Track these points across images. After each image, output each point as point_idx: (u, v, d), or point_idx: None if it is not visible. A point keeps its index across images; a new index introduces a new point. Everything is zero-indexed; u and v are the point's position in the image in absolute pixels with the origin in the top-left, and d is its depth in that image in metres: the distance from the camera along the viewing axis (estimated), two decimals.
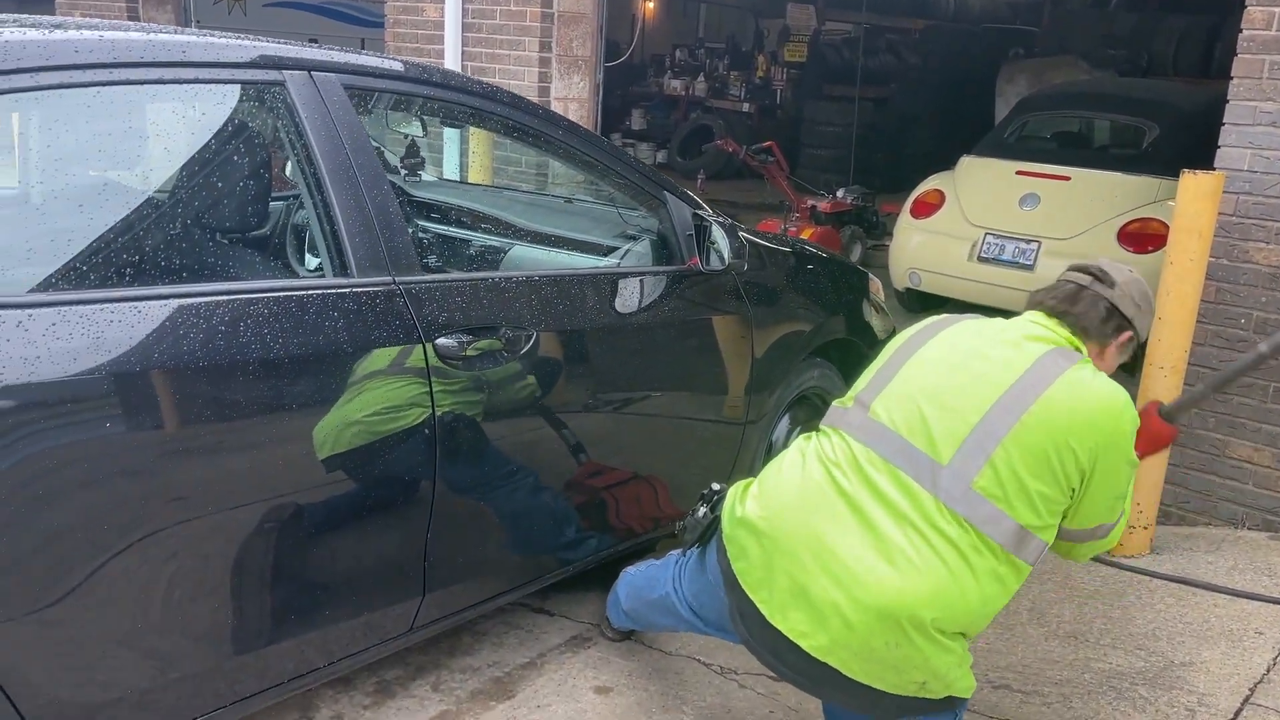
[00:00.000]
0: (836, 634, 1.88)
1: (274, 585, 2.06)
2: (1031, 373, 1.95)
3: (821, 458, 2.01)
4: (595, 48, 5.60)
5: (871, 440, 1.97)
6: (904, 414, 1.98)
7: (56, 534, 1.71)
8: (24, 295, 1.72)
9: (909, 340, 2.14)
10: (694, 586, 2.34)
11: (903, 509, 1.89)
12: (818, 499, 1.96)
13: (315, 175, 2.14)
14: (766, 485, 2.06)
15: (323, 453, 2.04)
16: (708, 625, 2.37)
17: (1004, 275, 5.96)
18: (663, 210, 2.90)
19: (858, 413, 2.05)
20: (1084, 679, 2.71)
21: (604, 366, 2.67)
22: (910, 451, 1.93)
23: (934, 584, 1.84)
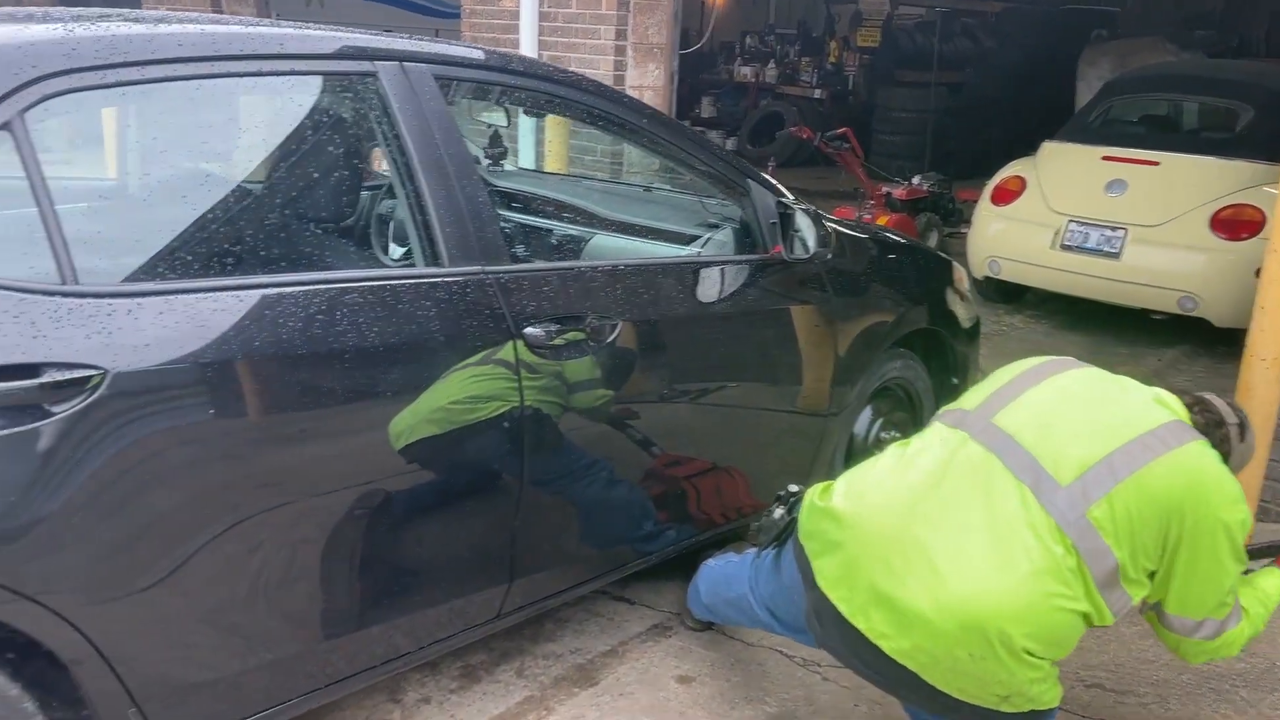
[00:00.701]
0: (919, 639, 1.85)
1: (366, 571, 2.09)
2: (1165, 429, 1.93)
3: (925, 458, 1.97)
4: (670, 35, 5.57)
5: (993, 445, 1.94)
6: (1030, 428, 1.94)
7: (159, 517, 1.75)
8: (128, 284, 1.76)
9: (1035, 368, 2.12)
10: (769, 588, 2.32)
11: (1011, 519, 1.85)
12: (913, 498, 1.92)
13: (407, 165, 2.16)
14: (856, 480, 2.03)
15: (412, 440, 2.06)
16: (783, 627, 2.35)
17: (1088, 264, 5.81)
18: (746, 198, 2.88)
19: (979, 418, 2.01)
20: (1181, 680, 2.63)
21: (687, 356, 2.65)
22: (1032, 464, 1.89)
23: (1028, 601, 1.79)
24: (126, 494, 1.70)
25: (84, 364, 1.64)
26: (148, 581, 1.77)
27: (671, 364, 2.62)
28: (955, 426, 2.05)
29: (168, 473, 1.75)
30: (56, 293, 1.66)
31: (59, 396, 1.62)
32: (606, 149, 5.53)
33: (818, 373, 3.00)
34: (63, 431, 1.62)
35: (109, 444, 1.67)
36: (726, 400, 2.79)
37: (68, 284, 1.67)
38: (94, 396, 1.65)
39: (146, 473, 1.72)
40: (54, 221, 1.68)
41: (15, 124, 1.67)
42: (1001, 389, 2.10)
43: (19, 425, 1.59)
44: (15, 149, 1.67)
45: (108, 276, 1.76)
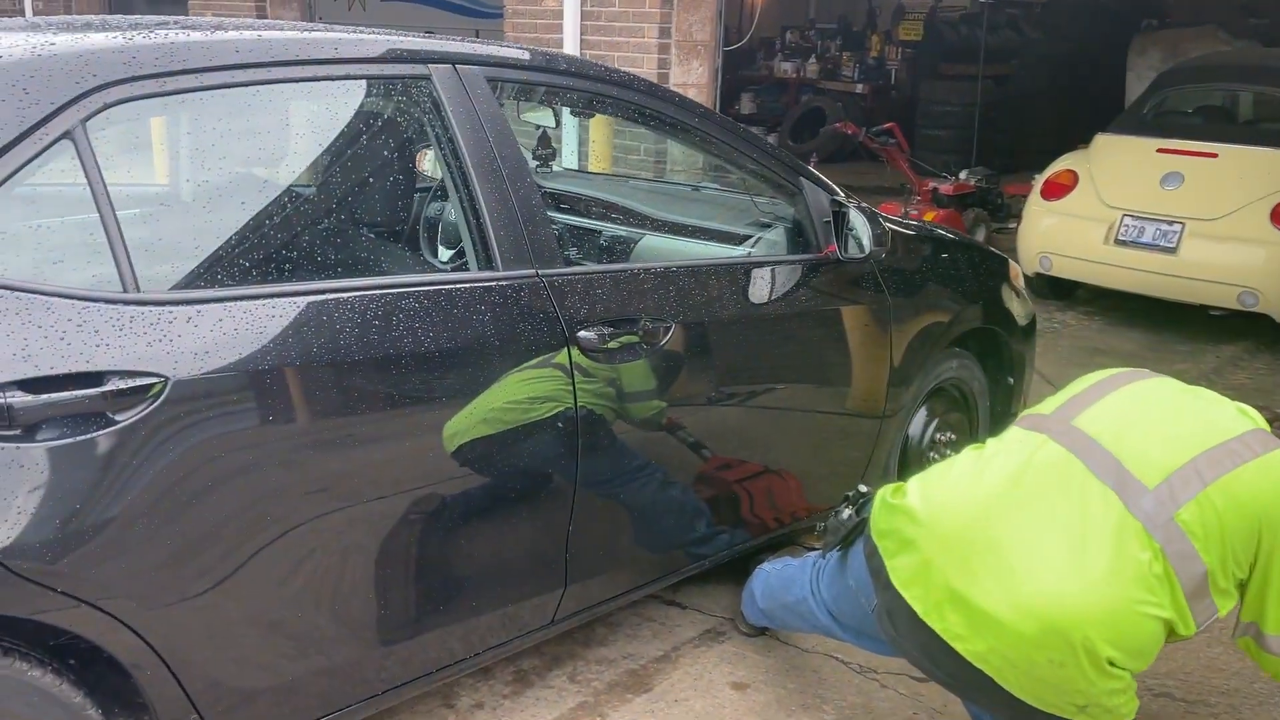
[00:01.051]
0: (996, 642, 1.80)
1: (422, 576, 2.08)
2: (1250, 436, 1.88)
3: (1004, 460, 1.93)
4: (714, 32, 5.54)
5: (1075, 446, 1.89)
6: (1113, 431, 1.90)
7: (218, 523, 1.75)
8: (188, 291, 1.76)
9: (1113, 376, 2.09)
10: (833, 590, 2.29)
11: (1095, 522, 1.80)
12: (991, 498, 1.88)
13: (460, 168, 2.14)
14: (932, 480, 1.99)
15: (467, 445, 2.05)
16: (845, 631, 2.31)
17: (1144, 259, 5.68)
18: (798, 196, 2.84)
19: (1059, 421, 1.97)
20: (1254, 689, 2.56)
21: (741, 358, 2.62)
22: (1117, 467, 1.84)
23: (1113, 606, 1.74)
24: (186, 500, 1.71)
25: (146, 371, 1.64)
26: (207, 587, 1.77)
27: (724, 366, 2.59)
28: (1033, 430, 2.01)
29: (226, 479, 1.75)
30: (119, 300, 1.66)
31: (121, 404, 1.63)
32: (651, 148, 5.50)
33: (872, 374, 2.96)
34: (125, 439, 1.63)
35: (170, 451, 1.67)
36: (780, 402, 2.76)
37: (129, 292, 1.68)
38: (155, 404, 1.65)
39: (206, 479, 1.72)
40: (115, 229, 1.68)
41: (77, 132, 1.68)
42: (1079, 395, 2.07)
43: (83, 433, 1.59)
44: (77, 157, 1.67)
45: (168, 284, 1.76)
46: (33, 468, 1.56)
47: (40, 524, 1.56)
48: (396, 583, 2.05)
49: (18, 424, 1.54)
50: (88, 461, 1.61)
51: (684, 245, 3.06)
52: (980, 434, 3.53)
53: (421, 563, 2.07)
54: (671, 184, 4.08)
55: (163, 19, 1.93)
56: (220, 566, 1.78)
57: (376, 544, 1.98)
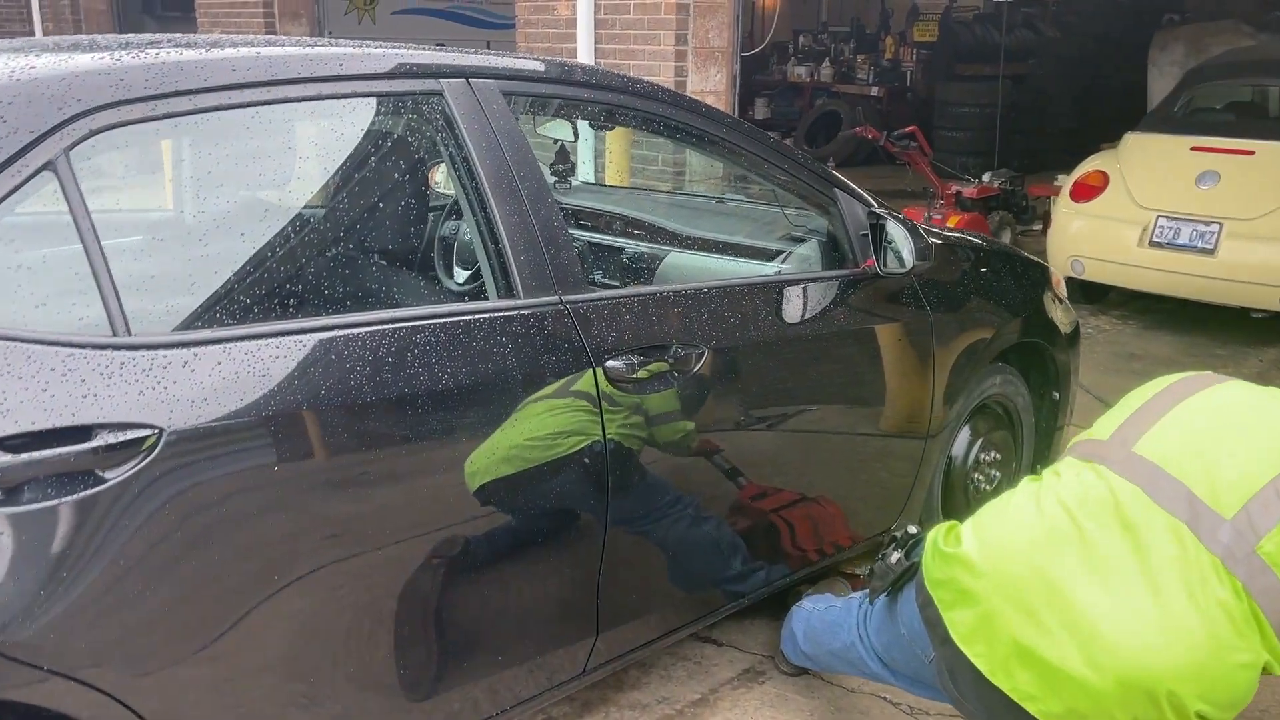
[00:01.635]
0: (1072, 701, 1.63)
1: (443, 631, 1.93)
2: None
3: (1062, 497, 1.75)
4: (732, 38, 5.39)
5: (1139, 478, 1.71)
6: (1179, 454, 1.72)
7: (220, 585, 1.60)
8: (183, 333, 1.61)
9: (1173, 386, 1.90)
10: (884, 637, 2.12)
11: (1169, 562, 1.63)
12: (1057, 542, 1.70)
13: (477, 190, 2.00)
14: (987, 523, 1.82)
15: (489, 486, 1.90)
16: (900, 679, 2.15)
17: (1180, 261, 5.50)
18: (833, 209, 2.68)
19: (1117, 447, 1.79)
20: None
21: (777, 383, 2.46)
22: (1188, 497, 1.66)
23: (1199, 657, 1.58)
24: (185, 562, 1.56)
25: (138, 423, 1.50)
26: (210, 656, 1.62)
27: (760, 391, 2.43)
28: (1089, 459, 1.83)
29: (228, 537, 1.60)
30: (108, 345, 1.51)
31: (112, 460, 1.48)
32: (669, 158, 5.36)
33: (915, 394, 2.79)
34: (116, 498, 1.48)
35: (166, 510, 1.52)
36: (819, 427, 2.60)
37: (119, 335, 1.53)
38: (149, 459, 1.50)
39: (206, 538, 1.57)
40: (103, 268, 1.54)
41: (59, 163, 1.53)
42: (1137, 413, 1.87)
43: (70, 494, 1.45)
44: (60, 189, 1.53)
45: (161, 325, 1.62)
46: (14, 534, 1.41)
47: (21, 595, 1.42)
48: (417, 637, 1.90)
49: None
50: (76, 525, 1.46)
51: (711, 262, 2.91)
52: (1024, 451, 3.37)
53: (443, 615, 1.92)
54: (695, 197, 3.92)
55: (154, 37, 1.79)
56: (225, 633, 1.63)
57: (395, 597, 1.83)
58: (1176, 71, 10.30)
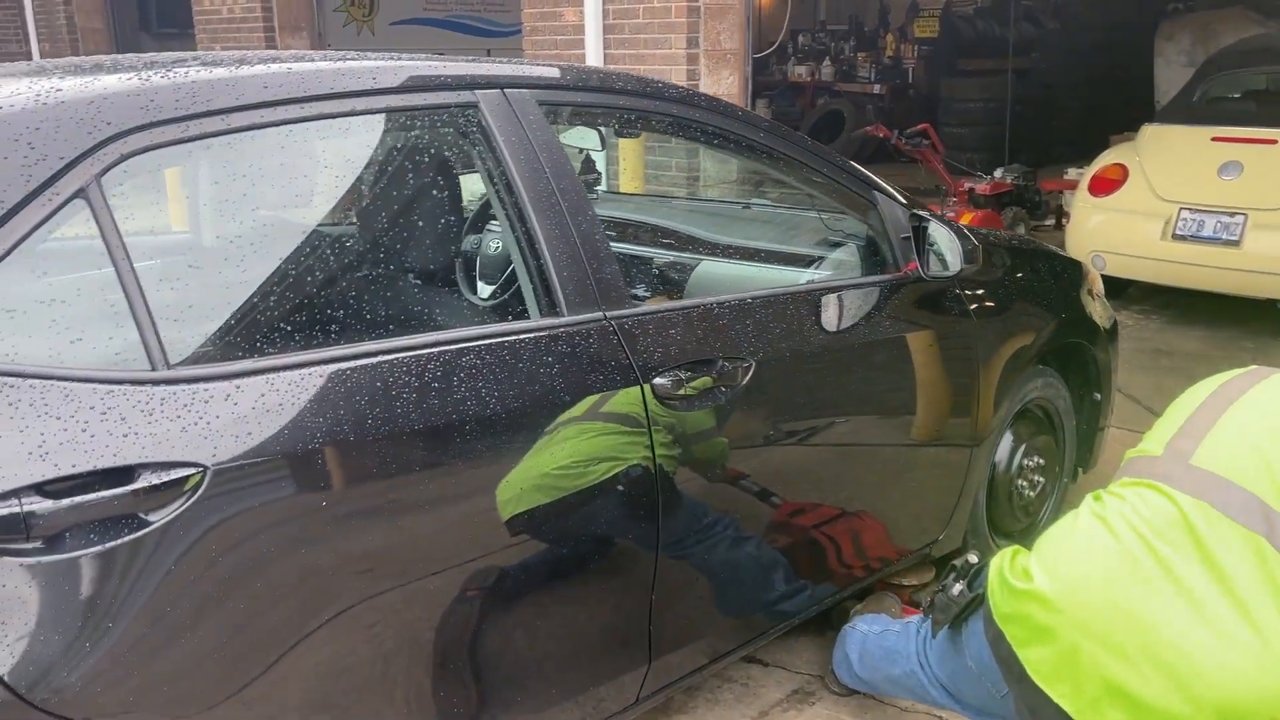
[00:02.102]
0: None
1: (496, 666, 1.85)
2: None
3: (1131, 521, 1.66)
4: (743, 39, 5.32)
5: (1204, 492, 1.62)
6: (1243, 461, 1.62)
7: (270, 630, 1.53)
8: (225, 364, 1.53)
9: (1224, 386, 1.81)
10: (948, 668, 2.04)
11: (1252, 581, 1.54)
12: (1135, 570, 1.61)
13: (516, 204, 1.92)
14: (1054, 553, 1.72)
15: (539, 512, 1.82)
16: (967, 709, 2.06)
17: (1205, 253, 5.42)
18: (872, 211, 2.60)
19: (1175, 462, 1.69)
20: None
21: (825, 394, 2.39)
22: (1260, 507, 1.57)
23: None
24: (230, 604, 1.48)
25: (181, 461, 1.42)
26: (253, 693, 1.54)
27: (807, 404, 2.35)
28: (1148, 479, 1.72)
29: (275, 576, 1.52)
30: (147, 380, 1.44)
31: (155, 502, 1.40)
32: (683, 163, 5.28)
33: (961, 402, 2.71)
34: (160, 542, 1.40)
35: (212, 551, 1.45)
36: (865, 438, 2.52)
37: (158, 369, 1.46)
38: (194, 498, 1.42)
39: (252, 579, 1.50)
40: (140, 299, 1.46)
41: (91, 190, 1.46)
42: (1190, 421, 1.77)
43: (113, 539, 1.37)
44: (93, 218, 1.46)
45: (202, 357, 1.54)
46: (56, 584, 1.34)
47: (64, 647, 1.34)
48: (480, 674, 1.82)
49: (37, 534, 1.32)
50: (119, 572, 1.38)
51: (745, 270, 2.84)
52: (1067, 455, 3.29)
53: (497, 650, 1.84)
54: (719, 202, 3.84)
55: (180, 56, 1.72)
56: (269, 674, 1.55)
57: (458, 632, 1.76)
58: (1184, 61, 10.24)
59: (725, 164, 5.26)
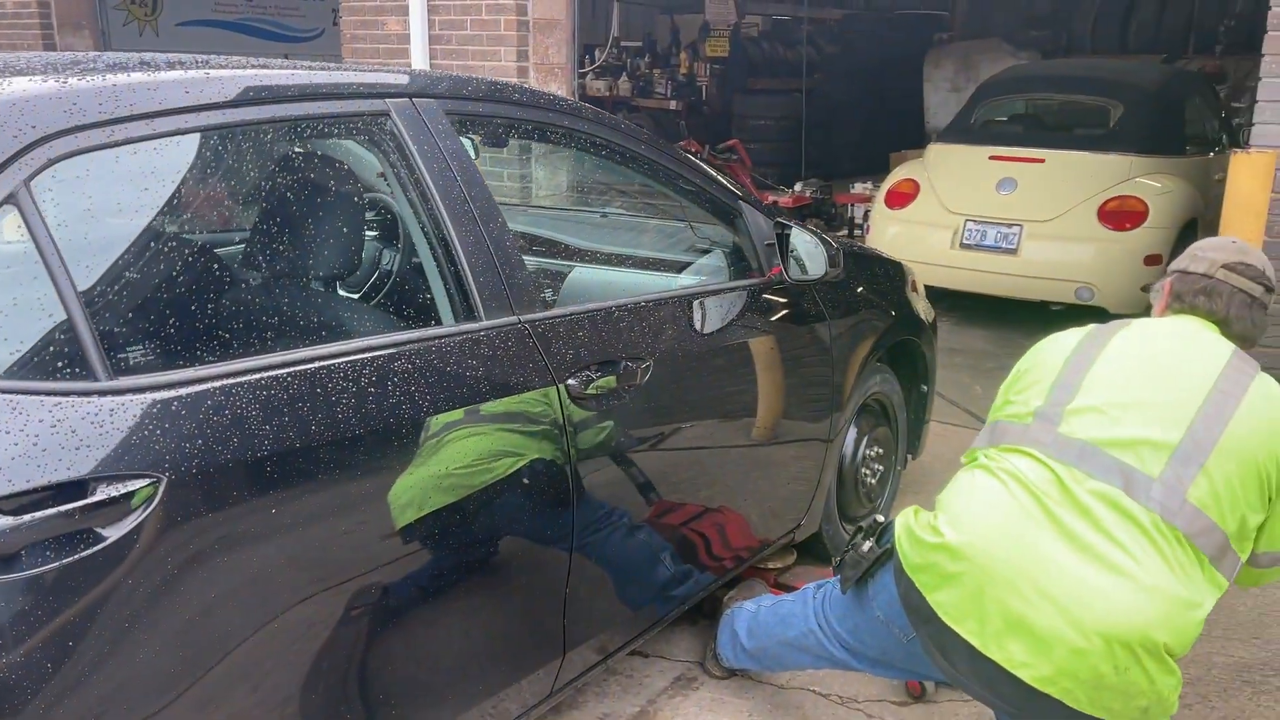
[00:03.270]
0: (1062, 662, 1.77)
1: (414, 669, 1.87)
2: (1226, 378, 1.88)
3: (1016, 477, 1.89)
4: (570, 54, 5.43)
5: (1071, 458, 1.86)
6: (1102, 427, 1.87)
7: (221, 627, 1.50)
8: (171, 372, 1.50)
9: (1080, 350, 2.03)
10: (849, 623, 2.22)
11: (1119, 528, 1.79)
12: (1026, 521, 1.84)
13: (431, 212, 1.95)
14: (958, 509, 1.93)
15: (461, 512, 1.86)
16: (861, 661, 2.25)
17: (988, 260, 5.98)
18: (739, 220, 2.77)
19: (1044, 428, 1.92)
20: (1213, 675, 2.67)
21: (713, 392, 2.53)
22: (1119, 466, 1.82)
23: (1163, 603, 1.75)
24: (186, 616, 1.45)
25: (135, 473, 1.38)
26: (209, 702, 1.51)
27: (700, 402, 2.49)
28: (1021, 446, 1.95)
29: (230, 586, 1.50)
30: (94, 391, 1.39)
31: (109, 516, 1.36)
32: (515, 173, 5.33)
33: (823, 395, 2.92)
34: (115, 557, 1.36)
35: (169, 564, 1.41)
36: (741, 436, 2.68)
37: (104, 378, 1.41)
38: (148, 511, 1.39)
39: (208, 590, 1.47)
40: (80, 307, 1.41)
41: (21, 195, 1.40)
42: (1057, 386, 1.98)
43: (68, 556, 1.32)
44: (24, 224, 1.40)
45: (149, 366, 1.50)
46: (11, 603, 1.28)
47: (20, 666, 1.28)
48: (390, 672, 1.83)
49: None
50: (74, 590, 1.33)
51: (620, 276, 2.94)
52: (900, 445, 3.57)
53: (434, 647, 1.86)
54: (580, 211, 3.94)
55: (95, 55, 1.65)
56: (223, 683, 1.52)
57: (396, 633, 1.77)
58: (948, 86, 11.19)
59: (557, 172, 5.35)
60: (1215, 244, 2.11)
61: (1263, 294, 2.03)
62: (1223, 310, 2.03)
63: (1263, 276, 2.05)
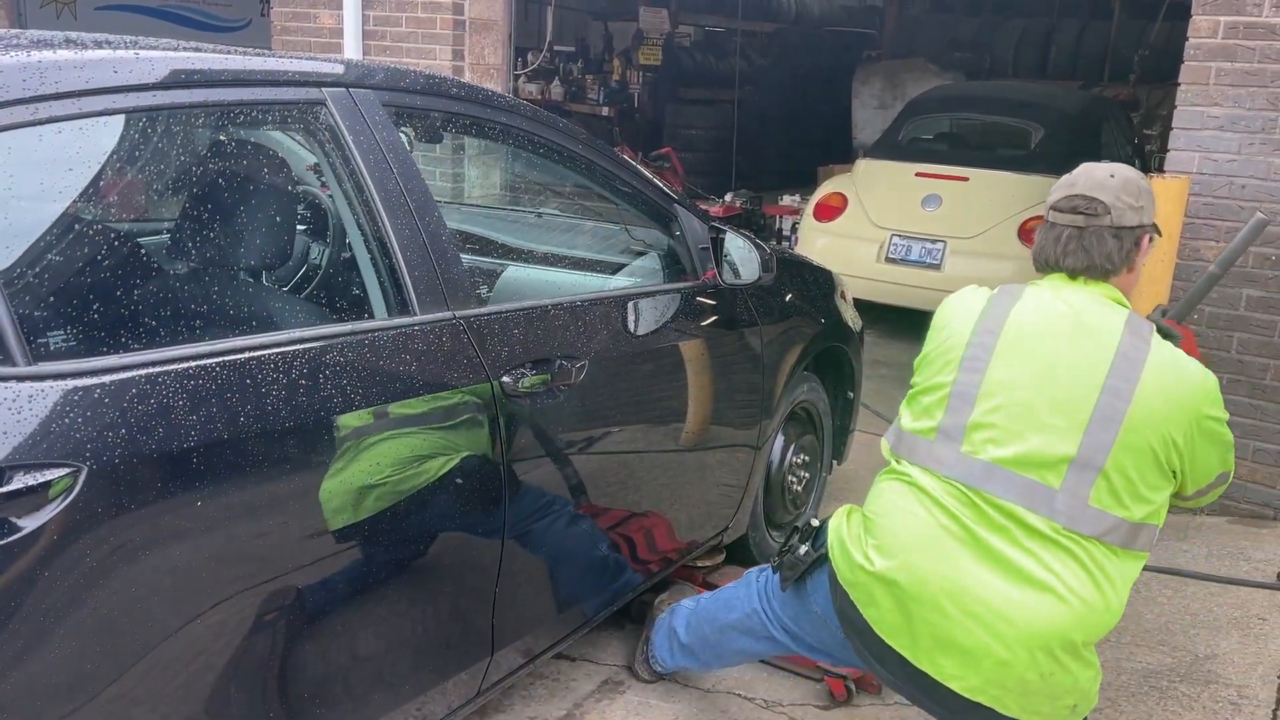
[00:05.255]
0: (989, 674, 1.82)
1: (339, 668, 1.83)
2: (1117, 368, 1.85)
3: (933, 496, 1.91)
4: (505, 55, 5.40)
5: (977, 478, 1.88)
6: (1001, 446, 1.87)
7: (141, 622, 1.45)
8: (93, 359, 1.45)
9: (978, 335, 1.95)
10: (791, 610, 2.23)
11: (1031, 541, 1.83)
12: (948, 541, 1.87)
13: (366, 204, 1.92)
14: (883, 533, 1.94)
15: (396, 506, 1.83)
16: (801, 645, 2.26)
17: (913, 275, 6.10)
18: (674, 223, 2.78)
19: (948, 448, 1.92)
20: (1122, 680, 2.75)
21: (643, 394, 2.53)
22: (1023, 483, 1.85)
23: (1078, 606, 1.80)
24: (107, 610, 1.40)
25: (53, 462, 1.33)
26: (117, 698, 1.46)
27: (634, 403, 2.49)
28: (927, 465, 1.94)
29: (151, 579, 1.45)
30: (12, 377, 1.34)
31: (26, 506, 1.31)
32: (448, 171, 5.28)
33: (753, 401, 2.95)
34: (32, 548, 1.31)
35: (89, 557, 1.36)
36: (675, 437, 2.68)
37: (22, 363, 1.35)
38: (68, 500, 1.34)
39: (130, 584, 1.42)
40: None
41: None
42: (955, 394, 1.94)
43: None
44: None
45: (72, 352, 1.44)
46: None
47: None
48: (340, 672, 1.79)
49: None
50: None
51: (554, 276, 2.93)
52: (825, 452, 3.61)
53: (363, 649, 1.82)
54: (514, 210, 3.91)
55: (19, 32, 1.59)
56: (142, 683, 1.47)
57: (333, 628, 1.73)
58: (875, 104, 11.40)
59: (491, 171, 5.32)
60: (1058, 183, 2.03)
61: (1087, 221, 1.94)
62: (1051, 252, 1.97)
63: (1085, 204, 1.95)
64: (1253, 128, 3.50)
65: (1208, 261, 3.65)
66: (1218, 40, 3.50)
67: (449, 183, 5.29)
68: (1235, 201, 3.57)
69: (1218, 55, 3.51)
